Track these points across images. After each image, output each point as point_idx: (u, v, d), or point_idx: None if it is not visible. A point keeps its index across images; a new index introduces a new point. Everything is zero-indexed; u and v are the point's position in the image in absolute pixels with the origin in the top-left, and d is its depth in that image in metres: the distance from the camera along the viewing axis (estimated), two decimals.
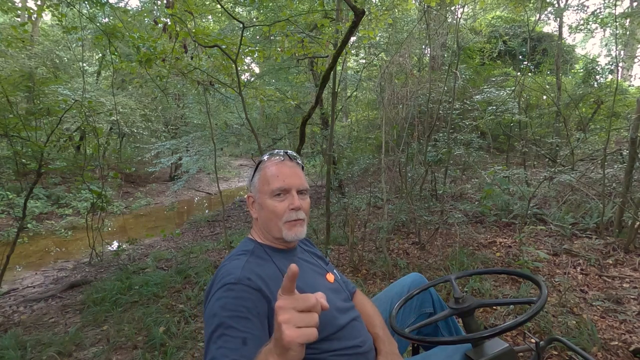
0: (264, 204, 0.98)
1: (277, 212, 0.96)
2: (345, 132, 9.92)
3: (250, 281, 0.85)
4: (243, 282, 0.84)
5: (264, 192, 0.98)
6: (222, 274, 0.88)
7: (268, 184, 0.97)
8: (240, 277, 0.85)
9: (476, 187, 5.47)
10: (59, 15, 3.61)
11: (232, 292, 0.82)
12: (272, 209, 0.97)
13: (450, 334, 1.20)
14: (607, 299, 2.33)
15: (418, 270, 2.95)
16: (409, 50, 5.99)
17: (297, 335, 0.55)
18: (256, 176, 1.03)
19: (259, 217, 1.02)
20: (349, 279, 1.32)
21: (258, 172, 1.03)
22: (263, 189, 0.99)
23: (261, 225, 1.02)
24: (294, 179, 0.99)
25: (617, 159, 4.74)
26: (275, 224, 0.97)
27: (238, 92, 3.33)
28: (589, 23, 7.25)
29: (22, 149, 5.33)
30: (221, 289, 0.84)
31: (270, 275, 0.91)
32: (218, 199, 7.92)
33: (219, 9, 7.28)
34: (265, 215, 0.99)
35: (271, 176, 0.98)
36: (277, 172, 0.98)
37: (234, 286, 0.83)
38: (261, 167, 1.02)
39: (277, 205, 0.96)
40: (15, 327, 2.74)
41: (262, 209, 0.99)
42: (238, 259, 0.93)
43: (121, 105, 8.99)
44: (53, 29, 11.25)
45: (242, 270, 0.87)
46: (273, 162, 1.01)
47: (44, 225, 7.00)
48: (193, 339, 2.31)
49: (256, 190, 1.01)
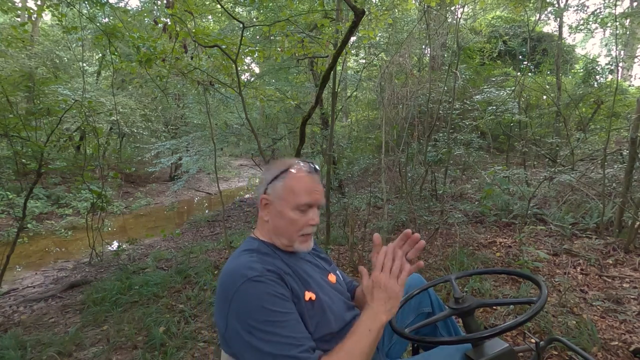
0: (284, 213, 0.96)
1: (297, 225, 0.96)
2: (345, 132, 9.92)
3: (272, 272, 0.86)
4: (266, 274, 0.85)
5: (287, 202, 0.95)
6: (240, 271, 0.86)
7: (294, 196, 0.95)
8: (261, 270, 0.85)
9: (476, 187, 5.47)
10: (59, 15, 3.61)
11: (260, 283, 0.83)
12: (292, 221, 0.95)
13: (449, 334, 1.20)
14: (607, 299, 2.33)
15: (418, 271, 2.95)
16: (409, 50, 5.99)
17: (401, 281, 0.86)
18: (279, 182, 0.97)
19: (272, 222, 0.99)
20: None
21: (282, 179, 0.97)
22: (287, 198, 0.95)
23: (272, 230, 1.00)
24: (319, 195, 0.98)
25: (617, 159, 4.74)
26: (291, 235, 0.97)
27: (238, 92, 3.33)
28: (589, 23, 7.24)
29: (22, 149, 5.33)
30: (246, 283, 0.82)
31: (282, 269, 0.91)
32: (218, 199, 7.91)
33: (219, 9, 7.28)
34: (281, 223, 0.97)
35: (299, 189, 0.95)
36: (306, 187, 0.96)
37: (260, 277, 0.83)
38: (287, 174, 0.97)
39: (298, 219, 0.95)
40: (15, 327, 2.74)
41: (279, 216, 0.97)
42: (250, 256, 0.92)
43: (121, 105, 8.99)
44: (53, 29, 11.24)
45: (261, 263, 0.88)
46: (302, 173, 0.98)
47: (44, 225, 7.00)
48: (193, 339, 2.30)
49: (277, 196, 0.97)
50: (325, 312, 0.93)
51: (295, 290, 0.89)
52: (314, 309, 0.91)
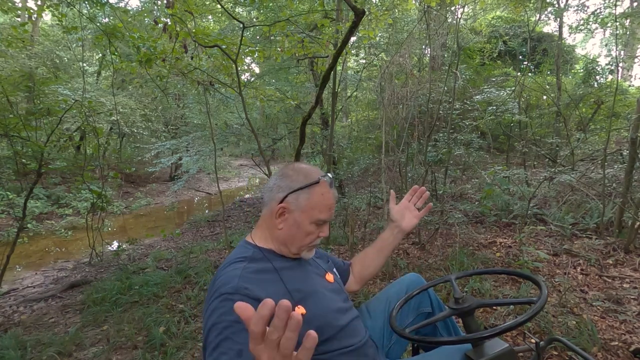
0: (302, 225, 0.96)
1: (311, 238, 0.98)
2: (345, 132, 9.92)
3: (248, 290, 0.83)
4: (240, 292, 0.82)
5: (308, 215, 0.96)
6: (219, 284, 0.86)
7: (317, 211, 0.96)
8: (237, 287, 0.83)
9: (476, 187, 5.47)
10: (59, 15, 3.61)
11: (229, 302, 0.80)
12: (308, 232, 0.97)
13: (449, 334, 1.20)
14: (607, 299, 2.33)
15: (418, 271, 2.95)
16: (409, 50, 5.99)
17: None
18: (305, 193, 0.96)
19: (287, 231, 0.97)
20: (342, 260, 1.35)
21: (308, 191, 0.96)
22: (309, 212, 0.96)
23: (282, 237, 0.98)
24: (334, 210, 1.02)
25: (617, 159, 4.73)
26: (301, 245, 0.98)
27: (238, 92, 3.33)
28: (589, 23, 7.24)
29: (22, 149, 5.32)
30: (218, 298, 0.82)
31: (270, 281, 0.90)
32: (218, 199, 7.91)
33: (219, 9, 7.28)
34: (296, 233, 0.97)
35: (322, 205, 0.97)
36: (329, 204, 0.98)
37: (231, 296, 0.81)
38: (315, 188, 0.96)
39: (314, 232, 0.98)
40: (15, 327, 2.74)
41: (296, 227, 0.96)
42: (235, 266, 0.91)
43: (121, 105, 8.99)
44: (53, 29, 11.23)
45: (239, 280, 0.85)
46: (326, 188, 0.98)
47: (44, 225, 7.00)
48: (193, 339, 2.30)
49: (299, 207, 0.96)
50: (318, 318, 0.92)
51: None
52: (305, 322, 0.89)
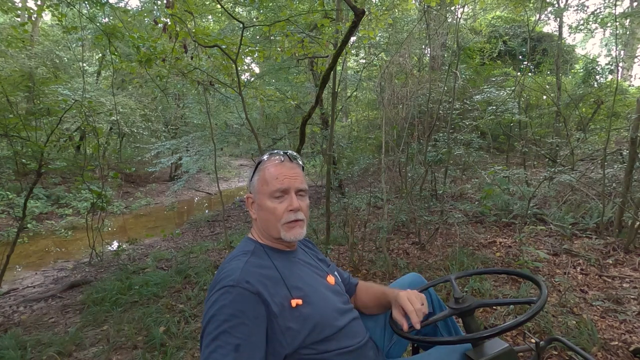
0: (263, 204, 0.98)
1: (276, 214, 0.96)
2: (345, 132, 9.93)
3: (249, 284, 0.84)
4: (241, 285, 0.83)
5: (263, 193, 0.98)
6: (221, 276, 0.88)
7: (267, 185, 0.97)
8: (238, 280, 0.84)
9: (476, 187, 5.47)
10: (59, 15, 3.61)
11: (229, 295, 0.82)
12: (271, 210, 0.96)
13: (449, 334, 1.20)
14: (607, 299, 2.33)
15: (418, 271, 2.95)
16: (409, 50, 5.99)
17: None
18: (255, 177, 1.02)
19: (258, 217, 1.01)
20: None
21: (257, 173, 1.02)
22: (262, 190, 0.98)
23: (260, 226, 1.02)
24: (293, 179, 0.98)
25: (617, 159, 4.74)
26: (274, 225, 0.97)
27: (238, 92, 3.33)
28: (589, 23, 7.24)
29: (22, 149, 5.34)
30: (219, 291, 0.83)
31: (270, 277, 0.90)
32: (218, 199, 7.91)
33: (219, 9, 7.29)
34: (264, 216, 0.99)
35: (270, 177, 0.97)
36: (276, 173, 0.97)
37: (231, 289, 0.82)
38: (260, 167, 1.01)
39: (276, 207, 0.96)
40: (15, 327, 2.74)
41: (261, 209, 0.99)
42: (238, 259, 0.93)
43: (121, 105, 8.99)
44: (53, 29, 11.24)
45: (241, 273, 0.86)
46: (272, 162, 1.00)
47: (44, 225, 6.99)
48: (193, 339, 2.30)
49: (255, 190, 1.01)
50: (317, 317, 0.91)
51: (277, 300, 0.87)
52: (301, 315, 0.89)
